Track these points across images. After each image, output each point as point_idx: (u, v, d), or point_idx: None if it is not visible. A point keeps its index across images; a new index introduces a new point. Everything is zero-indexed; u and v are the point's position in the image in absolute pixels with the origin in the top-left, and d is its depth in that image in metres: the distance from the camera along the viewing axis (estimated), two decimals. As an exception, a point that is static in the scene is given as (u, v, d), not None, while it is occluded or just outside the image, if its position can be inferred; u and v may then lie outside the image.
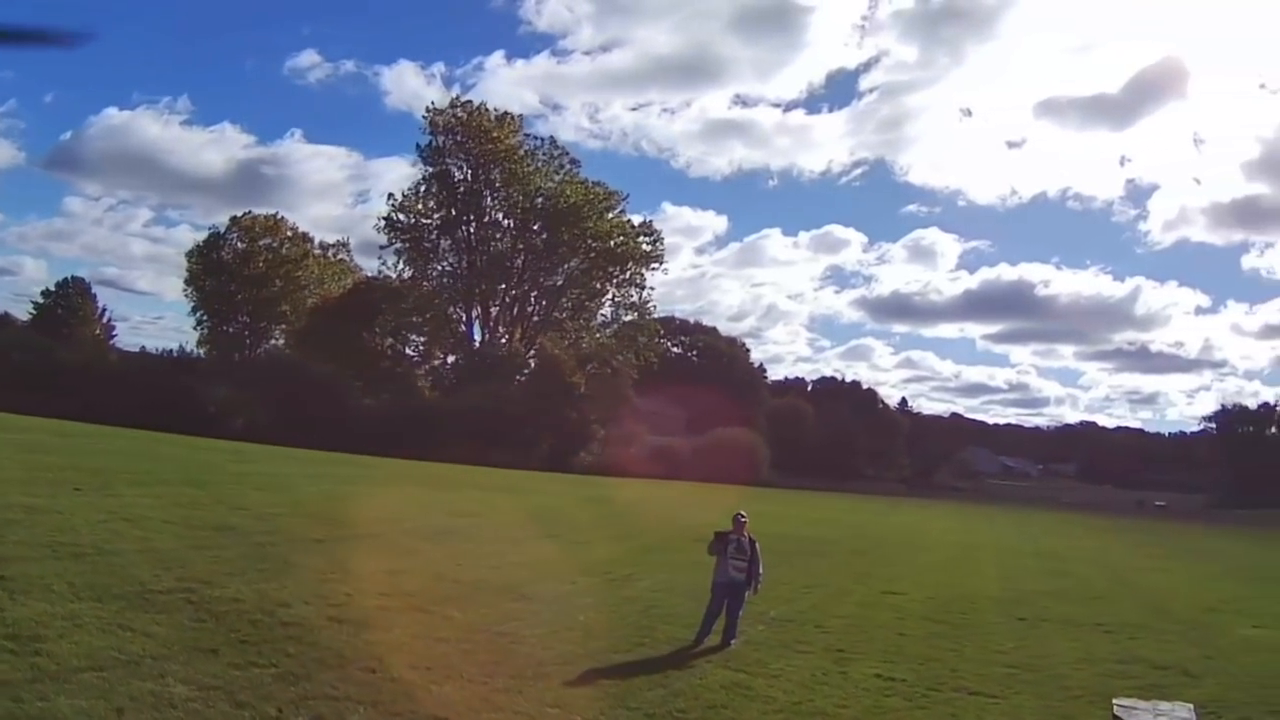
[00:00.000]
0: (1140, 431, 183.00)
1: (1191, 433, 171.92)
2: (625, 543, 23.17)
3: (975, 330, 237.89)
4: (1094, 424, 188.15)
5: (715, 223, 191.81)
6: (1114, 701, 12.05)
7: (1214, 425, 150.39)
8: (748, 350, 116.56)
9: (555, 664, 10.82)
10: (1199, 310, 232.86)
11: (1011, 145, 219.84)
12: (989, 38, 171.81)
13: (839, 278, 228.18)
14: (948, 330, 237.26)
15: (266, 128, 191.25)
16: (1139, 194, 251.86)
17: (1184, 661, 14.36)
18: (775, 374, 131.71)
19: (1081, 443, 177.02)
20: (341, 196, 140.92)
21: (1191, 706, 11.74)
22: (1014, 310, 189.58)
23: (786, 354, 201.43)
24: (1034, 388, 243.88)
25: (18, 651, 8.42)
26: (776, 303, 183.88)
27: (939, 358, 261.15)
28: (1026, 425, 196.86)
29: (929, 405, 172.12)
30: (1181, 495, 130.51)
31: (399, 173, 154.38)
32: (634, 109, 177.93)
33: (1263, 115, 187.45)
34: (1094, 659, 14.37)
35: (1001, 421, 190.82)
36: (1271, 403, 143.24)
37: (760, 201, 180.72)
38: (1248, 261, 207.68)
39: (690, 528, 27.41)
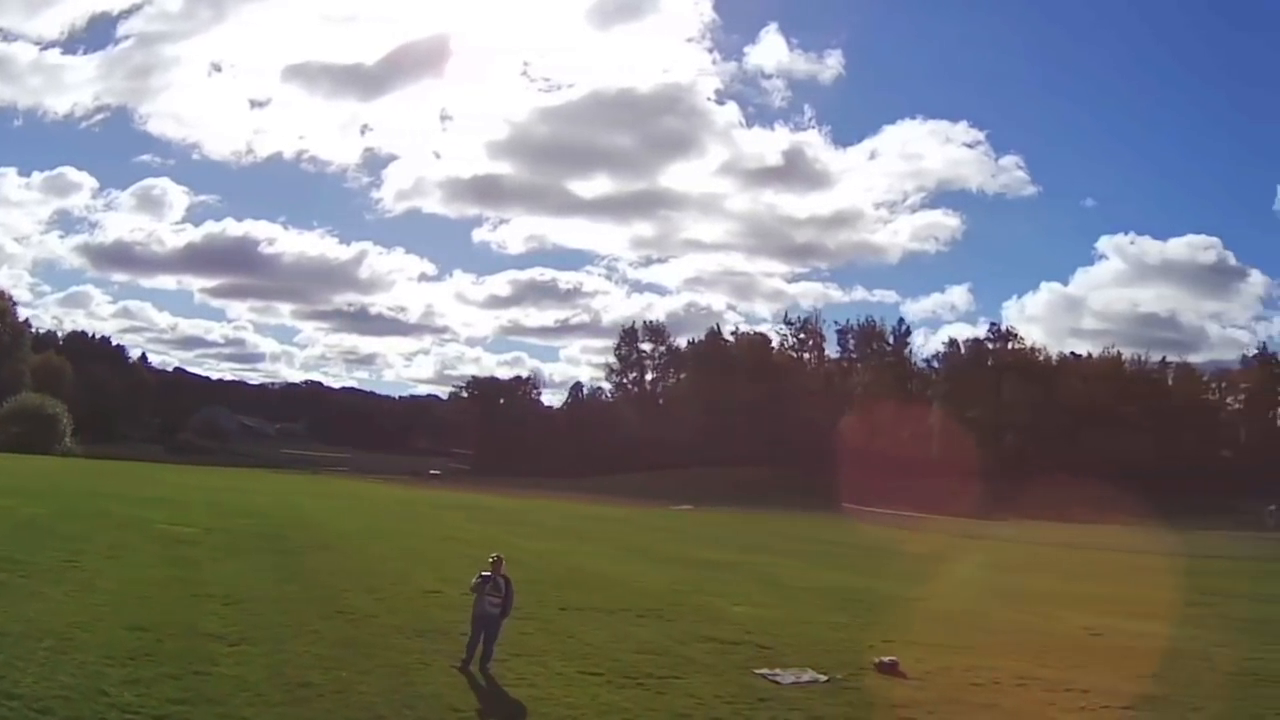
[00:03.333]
0: (372, 394, 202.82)
1: (419, 396, 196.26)
2: (145, 552, 22.85)
3: (195, 283, 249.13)
4: (319, 383, 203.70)
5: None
6: (756, 671, 16.63)
7: (465, 393, 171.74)
8: (15, 304, 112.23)
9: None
10: (424, 277, 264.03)
11: (255, 105, 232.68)
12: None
13: (66, 222, 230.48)
14: (167, 282, 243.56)
15: None
16: (376, 163, 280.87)
17: (752, 636, 19.02)
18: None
19: (308, 401, 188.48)
20: None
21: (811, 670, 16.88)
22: (236, 266, 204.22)
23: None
24: (250, 343, 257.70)
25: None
26: (2, 244, 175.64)
27: (157, 309, 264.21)
28: (251, 382, 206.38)
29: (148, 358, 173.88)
30: (443, 461, 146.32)
31: None
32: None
33: (518, 100, 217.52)
34: (682, 640, 18.35)
35: (216, 376, 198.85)
36: (525, 376, 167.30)
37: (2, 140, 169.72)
38: (479, 235, 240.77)
39: (146, 522, 27.03)
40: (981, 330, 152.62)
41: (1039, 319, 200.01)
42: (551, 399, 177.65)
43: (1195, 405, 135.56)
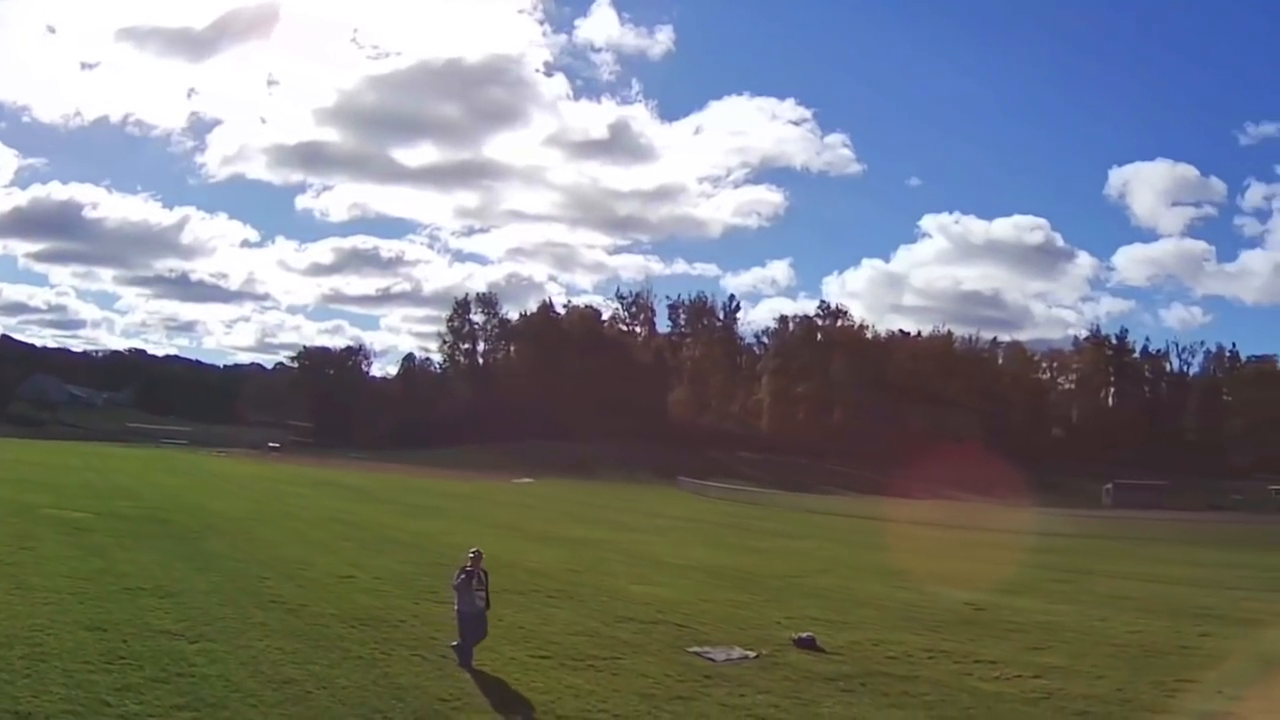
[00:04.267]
0: (196, 362, 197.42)
1: (242, 364, 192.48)
2: (53, 542, 22.33)
3: (20, 248, 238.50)
4: (142, 351, 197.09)
5: None
6: (689, 650, 17.49)
7: (295, 363, 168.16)
8: None
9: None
10: (246, 244, 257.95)
11: (86, 66, 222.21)
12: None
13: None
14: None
15: None
16: (202, 127, 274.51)
17: (665, 616, 19.91)
18: None
19: (131, 370, 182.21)
20: None
21: (739, 647, 17.88)
22: (60, 230, 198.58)
23: None
24: (72, 309, 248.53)
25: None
26: None
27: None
28: (73, 350, 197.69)
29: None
30: (279, 433, 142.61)
31: None
32: None
33: (346, 67, 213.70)
34: (604, 622, 18.99)
35: (40, 343, 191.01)
36: (355, 346, 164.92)
37: None
38: (302, 201, 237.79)
39: (33, 508, 26.26)
40: (805, 305, 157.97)
41: (860, 295, 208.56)
42: (376, 369, 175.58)
43: (1025, 385, 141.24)
